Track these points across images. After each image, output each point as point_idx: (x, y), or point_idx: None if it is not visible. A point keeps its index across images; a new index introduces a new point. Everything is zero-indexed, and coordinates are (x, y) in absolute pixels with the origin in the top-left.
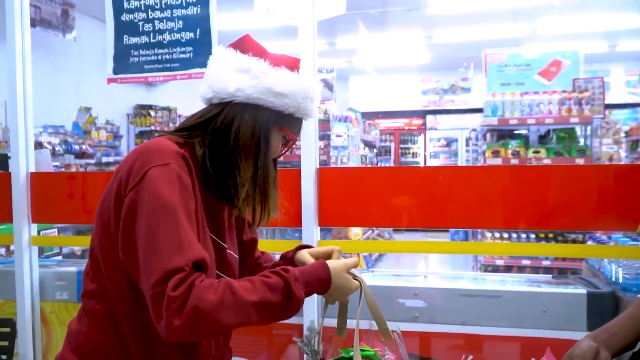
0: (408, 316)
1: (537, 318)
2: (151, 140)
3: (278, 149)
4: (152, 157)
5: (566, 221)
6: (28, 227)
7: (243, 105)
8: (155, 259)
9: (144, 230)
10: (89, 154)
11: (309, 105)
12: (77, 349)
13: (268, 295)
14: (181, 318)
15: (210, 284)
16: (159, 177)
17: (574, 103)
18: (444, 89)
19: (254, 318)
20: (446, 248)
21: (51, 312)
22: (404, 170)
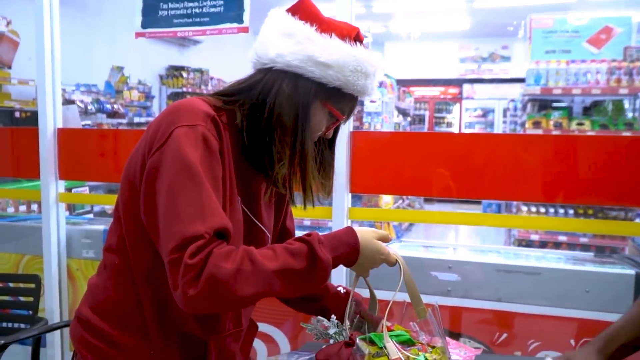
0: (440, 290)
1: (579, 298)
2: (184, 100)
3: (321, 126)
4: (180, 117)
5: (611, 195)
6: (55, 183)
7: (283, 72)
8: (175, 224)
9: (165, 193)
10: (120, 113)
11: (360, 80)
12: (94, 305)
13: (290, 261)
14: (197, 288)
15: (228, 251)
16: (184, 138)
17: (624, 73)
18: (482, 57)
19: (277, 287)
20: (482, 220)
21: (77, 270)
22: (440, 136)
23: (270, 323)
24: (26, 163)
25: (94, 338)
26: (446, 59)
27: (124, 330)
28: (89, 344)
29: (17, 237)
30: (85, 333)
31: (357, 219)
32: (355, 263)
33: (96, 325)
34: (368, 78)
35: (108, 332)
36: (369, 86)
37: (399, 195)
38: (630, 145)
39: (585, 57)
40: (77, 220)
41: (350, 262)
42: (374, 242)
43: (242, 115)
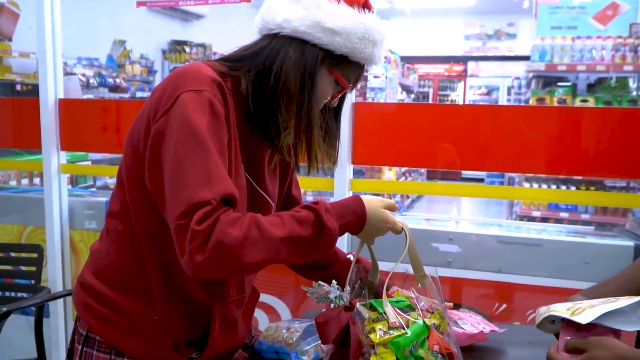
0: (441, 261)
1: (579, 269)
2: (190, 64)
3: (327, 93)
4: (186, 82)
5: (614, 168)
6: (57, 154)
7: (290, 39)
8: (181, 190)
9: (172, 158)
10: (122, 87)
11: (367, 48)
12: (98, 270)
13: (297, 229)
14: (204, 254)
15: (235, 218)
16: (190, 103)
17: (630, 50)
18: (488, 35)
19: (283, 254)
20: (484, 192)
21: (80, 241)
22: (444, 108)
23: (273, 294)
24: (27, 134)
25: (97, 303)
26: (451, 36)
27: (127, 295)
28: (92, 309)
29: (19, 209)
30: (88, 298)
31: (358, 190)
32: (361, 231)
33: (99, 291)
34: (375, 46)
35: (111, 297)
36: (376, 55)
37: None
38: (632, 118)
39: (590, 34)
40: (80, 192)
41: (356, 230)
42: (380, 211)
43: (248, 81)
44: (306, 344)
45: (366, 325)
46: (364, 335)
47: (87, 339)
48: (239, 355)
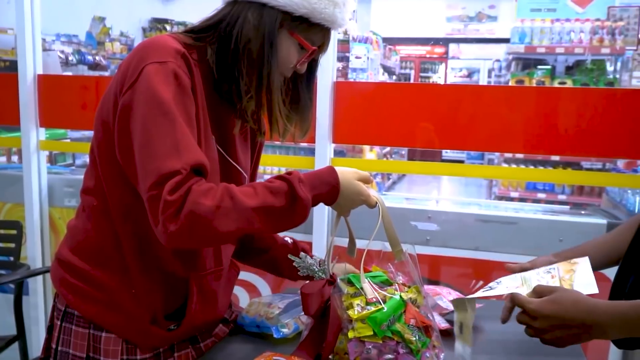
0: (420, 239)
1: (553, 247)
2: (154, 37)
3: (291, 58)
4: (150, 54)
5: (591, 148)
6: (36, 130)
7: (249, 3)
8: (151, 161)
9: (140, 131)
10: (102, 65)
11: (327, 8)
12: (74, 246)
13: (270, 199)
14: (177, 223)
15: (208, 188)
16: (155, 75)
17: (607, 32)
18: (469, 17)
19: (257, 224)
20: (463, 171)
21: (60, 218)
22: (425, 87)
23: (253, 271)
24: (6, 110)
25: (75, 278)
26: (433, 18)
27: (104, 269)
28: (69, 284)
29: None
30: (66, 274)
31: None
32: (335, 202)
33: (76, 266)
34: (337, 6)
35: (88, 272)
36: (338, 15)
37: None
38: (609, 99)
39: (569, 16)
40: (59, 170)
41: (329, 201)
42: (354, 183)
43: (212, 50)
44: (286, 317)
45: (344, 300)
46: (342, 311)
47: (65, 314)
48: (219, 330)
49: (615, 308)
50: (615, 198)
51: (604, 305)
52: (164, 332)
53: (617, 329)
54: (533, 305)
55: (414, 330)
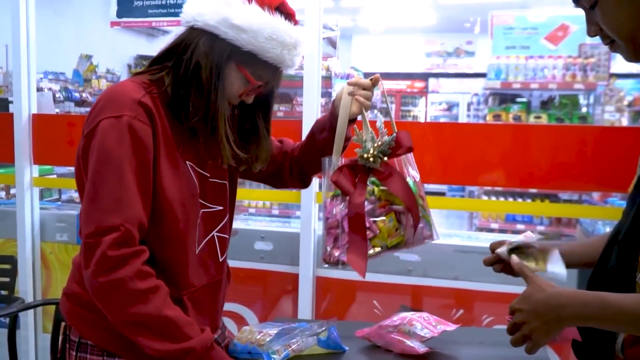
0: (402, 269)
1: None
2: (116, 85)
3: (235, 89)
4: (106, 107)
5: (563, 181)
6: (30, 168)
7: (202, 31)
8: (93, 212)
9: (89, 182)
10: (89, 102)
11: (275, 48)
12: (81, 280)
13: (183, 321)
14: (106, 278)
15: (147, 273)
16: (109, 131)
17: (579, 69)
18: (448, 52)
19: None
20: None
21: (51, 253)
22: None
23: (241, 303)
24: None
25: (86, 310)
26: (413, 53)
27: None
28: (81, 316)
29: None
30: (77, 307)
31: None
32: None
33: (86, 298)
34: (285, 48)
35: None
36: (286, 57)
37: None
38: (581, 135)
39: (543, 53)
40: (47, 206)
41: None
42: None
43: (168, 78)
44: (277, 344)
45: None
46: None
47: (79, 344)
48: None
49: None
50: (588, 229)
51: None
52: None
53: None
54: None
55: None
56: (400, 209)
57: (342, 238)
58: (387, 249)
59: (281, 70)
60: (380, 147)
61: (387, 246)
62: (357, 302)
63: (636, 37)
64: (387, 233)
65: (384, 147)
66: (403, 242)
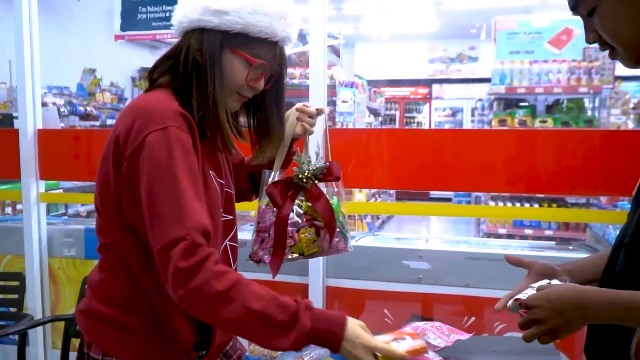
0: (412, 278)
1: None
2: (148, 97)
3: (238, 74)
4: (150, 121)
5: (570, 185)
6: (36, 183)
7: (190, 31)
8: (157, 228)
9: (146, 199)
10: (93, 115)
11: (262, 21)
12: (101, 296)
13: (273, 309)
14: (184, 290)
15: (222, 272)
16: (158, 143)
17: (584, 72)
18: (451, 58)
19: (249, 327)
20: (451, 211)
21: (59, 268)
22: (411, 132)
23: None
24: (4, 163)
25: (110, 328)
26: (415, 60)
27: (136, 316)
28: (105, 334)
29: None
30: (100, 325)
31: None
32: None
33: (110, 316)
34: (273, 19)
35: (123, 321)
36: (277, 28)
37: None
38: (587, 139)
39: (547, 57)
40: (54, 221)
41: (327, 343)
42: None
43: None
44: (289, 356)
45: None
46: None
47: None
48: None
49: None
50: (598, 233)
51: (596, 289)
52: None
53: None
54: (531, 297)
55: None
56: (320, 225)
57: (267, 241)
58: (304, 256)
59: (280, 45)
60: (314, 171)
61: (304, 254)
62: (367, 311)
63: (637, 43)
64: (305, 243)
65: (317, 172)
66: (319, 252)
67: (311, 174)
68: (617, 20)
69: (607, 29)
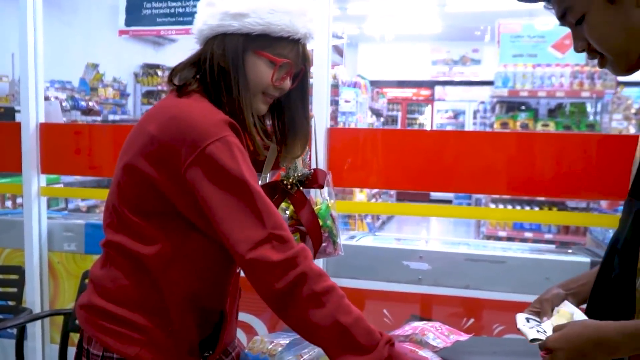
0: (412, 278)
1: (540, 285)
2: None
3: (263, 75)
4: (205, 132)
5: (570, 189)
6: (37, 177)
7: (212, 38)
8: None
9: (218, 209)
10: (95, 110)
11: (283, 20)
12: (107, 294)
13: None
14: (283, 282)
15: (320, 274)
16: (221, 154)
17: (586, 77)
18: (454, 60)
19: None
20: (450, 212)
21: (59, 263)
22: (413, 133)
23: (250, 312)
24: (5, 157)
25: (112, 323)
26: (419, 61)
27: (142, 312)
28: (106, 329)
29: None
30: (101, 321)
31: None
32: None
33: (113, 312)
34: (292, 16)
35: (126, 316)
36: (298, 25)
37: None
38: (586, 143)
39: (550, 61)
40: (54, 215)
41: None
42: None
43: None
44: (288, 354)
45: None
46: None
47: (103, 358)
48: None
49: (624, 324)
50: (599, 237)
51: (613, 323)
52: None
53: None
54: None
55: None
56: (305, 231)
57: None
58: None
59: (302, 42)
60: (299, 177)
61: None
62: (366, 311)
63: (627, 50)
64: None
65: (302, 178)
66: None
67: (296, 180)
68: (607, 28)
69: (597, 37)
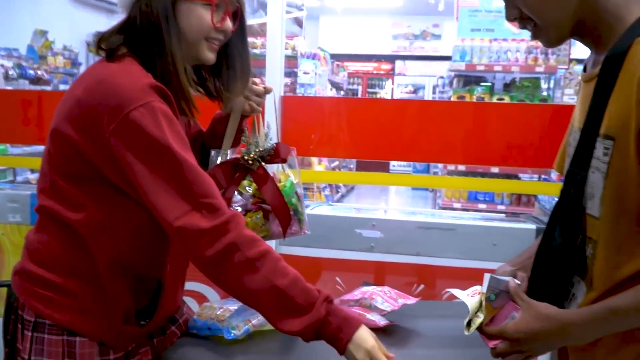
0: (365, 246)
1: (488, 251)
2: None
3: (204, 19)
4: (129, 97)
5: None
6: None
7: (137, 1)
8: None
9: (146, 177)
10: (44, 80)
11: None
12: (38, 258)
13: (294, 291)
14: (213, 250)
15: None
16: (145, 120)
17: (541, 52)
18: (414, 35)
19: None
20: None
21: (3, 234)
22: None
23: (202, 281)
24: None
25: (44, 289)
26: (380, 36)
27: (75, 279)
28: (38, 295)
29: None
30: (33, 287)
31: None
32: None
33: (45, 277)
34: None
35: (58, 283)
36: None
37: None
38: (541, 114)
39: (506, 36)
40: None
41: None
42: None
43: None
44: (237, 319)
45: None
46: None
47: (36, 324)
48: (171, 332)
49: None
50: (546, 206)
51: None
52: (137, 328)
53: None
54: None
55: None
56: (268, 209)
57: None
58: None
59: None
60: (260, 153)
61: None
62: (321, 279)
63: (560, 20)
64: (252, 227)
65: (264, 153)
66: (268, 236)
67: (257, 156)
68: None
69: (531, 6)
